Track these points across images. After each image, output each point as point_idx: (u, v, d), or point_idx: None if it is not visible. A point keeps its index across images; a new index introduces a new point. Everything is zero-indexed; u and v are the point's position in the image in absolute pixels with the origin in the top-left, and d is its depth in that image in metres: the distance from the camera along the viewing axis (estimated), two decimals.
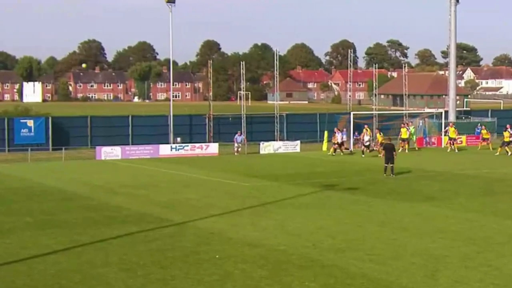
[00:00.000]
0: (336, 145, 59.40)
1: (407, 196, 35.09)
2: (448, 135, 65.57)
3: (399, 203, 32.92)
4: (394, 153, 43.46)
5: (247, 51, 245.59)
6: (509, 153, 58.54)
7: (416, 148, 64.67)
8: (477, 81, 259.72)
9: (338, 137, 59.34)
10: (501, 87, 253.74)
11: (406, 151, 61.75)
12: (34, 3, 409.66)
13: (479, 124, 73.72)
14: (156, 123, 70.09)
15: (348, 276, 19.79)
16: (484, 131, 65.76)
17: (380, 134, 59.33)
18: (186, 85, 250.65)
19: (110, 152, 57.89)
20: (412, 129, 65.83)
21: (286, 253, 22.53)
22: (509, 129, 59.49)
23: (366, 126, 61.58)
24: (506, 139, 59.36)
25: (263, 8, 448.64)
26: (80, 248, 23.38)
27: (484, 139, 65.18)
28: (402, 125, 64.57)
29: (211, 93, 76.53)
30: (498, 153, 58.94)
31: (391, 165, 43.23)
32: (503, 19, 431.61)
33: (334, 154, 59.17)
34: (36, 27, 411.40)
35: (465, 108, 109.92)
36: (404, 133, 62.48)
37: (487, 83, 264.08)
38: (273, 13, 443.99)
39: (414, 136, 66.56)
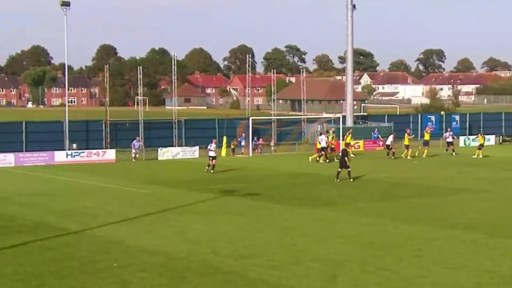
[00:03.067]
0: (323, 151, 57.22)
1: (308, 202, 35.28)
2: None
3: (300, 208, 33.09)
4: (346, 158, 43.66)
5: (144, 55, 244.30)
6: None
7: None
8: (373, 86, 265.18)
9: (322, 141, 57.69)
10: (397, 92, 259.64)
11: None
12: None
13: (376, 129, 74.93)
14: (51, 129, 68.17)
15: (248, 282, 19.75)
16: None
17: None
18: (82, 90, 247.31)
19: (2, 159, 56.32)
20: (331, 134, 64.18)
21: (186, 260, 22.33)
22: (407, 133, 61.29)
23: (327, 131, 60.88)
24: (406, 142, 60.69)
25: (160, 12, 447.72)
26: None
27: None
28: (322, 133, 62.58)
29: (107, 98, 75.54)
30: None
31: (346, 169, 43.54)
32: (398, 26, 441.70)
33: (322, 161, 56.74)
34: None
35: (362, 113, 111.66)
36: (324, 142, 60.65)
37: (383, 88, 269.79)
38: (170, 17, 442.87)
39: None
